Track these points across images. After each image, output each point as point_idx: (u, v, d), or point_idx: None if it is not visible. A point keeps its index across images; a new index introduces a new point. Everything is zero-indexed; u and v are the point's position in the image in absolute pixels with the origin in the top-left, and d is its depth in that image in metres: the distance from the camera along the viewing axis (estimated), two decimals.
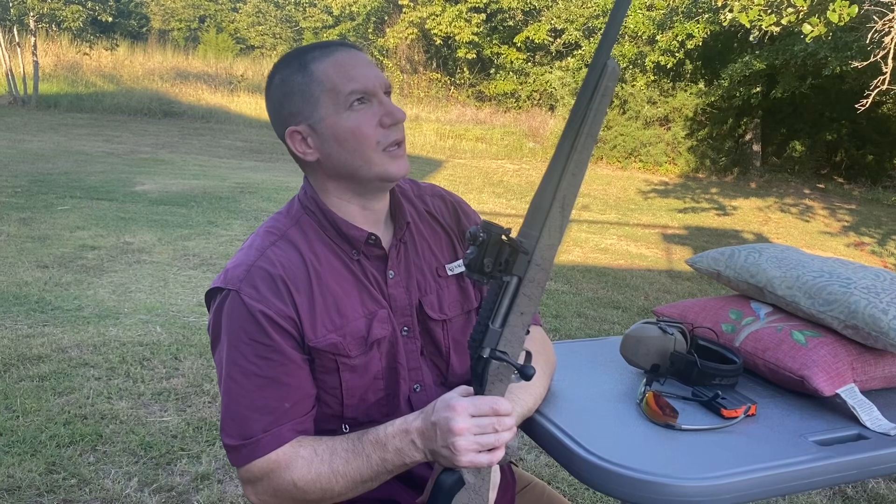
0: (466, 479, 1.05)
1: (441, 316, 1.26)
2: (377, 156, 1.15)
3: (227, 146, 11.96)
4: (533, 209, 1.00)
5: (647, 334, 1.36)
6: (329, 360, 1.16)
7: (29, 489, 2.35)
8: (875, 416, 1.20)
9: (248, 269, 1.15)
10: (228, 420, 1.12)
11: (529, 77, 18.41)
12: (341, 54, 1.16)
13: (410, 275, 1.25)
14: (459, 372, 1.31)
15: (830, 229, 9.05)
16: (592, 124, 0.96)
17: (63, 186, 7.28)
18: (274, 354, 1.12)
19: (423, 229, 1.29)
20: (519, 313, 1.02)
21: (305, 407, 1.15)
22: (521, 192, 9.64)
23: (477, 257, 0.97)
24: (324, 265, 1.18)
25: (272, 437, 1.11)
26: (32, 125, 11.89)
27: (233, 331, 1.13)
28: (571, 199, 1.00)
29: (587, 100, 0.96)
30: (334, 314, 1.16)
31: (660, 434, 1.16)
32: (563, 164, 0.98)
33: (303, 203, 1.23)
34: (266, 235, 1.20)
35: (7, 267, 4.62)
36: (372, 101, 1.15)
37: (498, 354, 1.01)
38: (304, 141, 1.17)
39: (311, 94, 1.14)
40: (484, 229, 0.97)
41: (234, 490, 2.44)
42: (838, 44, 8.87)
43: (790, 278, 1.37)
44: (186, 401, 3.03)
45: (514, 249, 0.99)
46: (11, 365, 3.22)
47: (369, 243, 1.19)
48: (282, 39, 28.64)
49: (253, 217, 6.70)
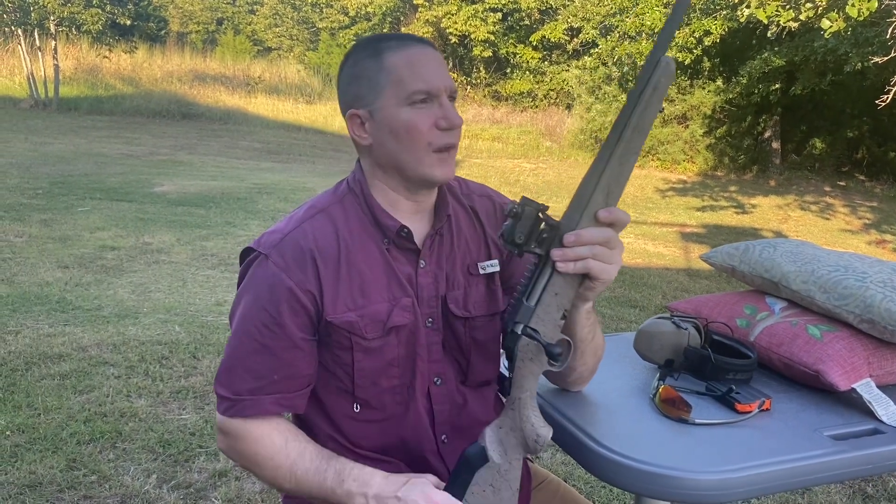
0: (491, 456, 1.06)
1: (464, 313, 1.26)
2: (426, 156, 1.16)
3: (244, 147, 12.04)
4: (577, 194, 1.01)
5: (660, 329, 1.36)
6: (344, 337, 1.17)
7: (50, 485, 2.39)
8: (892, 411, 1.19)
9: (282, 236, 1.17)
10: (224, 371, 1.18)
11: (546, 76, 18.38)
12: (416, 50, 1.16)
13: (441, 267, 1.25)
14: (480, 372, 1.31)
15: (851, 227, 8.96)
16: (641, 117, 0.97)
17: (83, 188, 7.37)
18: (276, 327, 1.15)
19: (464, 225, 1.29)
20: (553, 293, 1.02)
21: (294, 385, 1.18)
22: (538, 192, 9.62)
23: (511, 228, 0.99)
24: (357, 245, 1.19)
25: (254, 403, 1.15)
26: (53, 128, 12.05)
27: (251, 292, 1.17)
28: (617, 189, 1.00)
29: (638, 92, 0.96)
30: (357, 294, 1.17)
31: (673, 428, 1.16)
32: (608, 152, 0.98)
33: (350, 185, 1.25)
34: (308, 209, 1.22)
35: (29, 267, 4.68)
36: (433, 102, 1.15)
37: (528, 331, 1.02)
38: (361, 125, 1.19)
39: (378, 82, 1.15)
40: (521, 203, 0.99)
41: (252, 487, 2.46)
42: (859, 39, 8.77)
43: (805, 273, 1.36)
44: (204, 399, 3.06)
45: (553, 228, 1.00)
46: (33, 363, 3.27)
47: (401, 235, 1.20)
48: (298, 41, 28.77)
49: (270, 217, 6.74)
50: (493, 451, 1.06)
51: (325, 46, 24.08)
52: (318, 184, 8.78)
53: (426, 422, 1.25)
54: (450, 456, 1.26)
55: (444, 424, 1.26)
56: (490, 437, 1.07)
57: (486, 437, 1.08)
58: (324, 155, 12.07)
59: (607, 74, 14.50)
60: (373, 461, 1.24)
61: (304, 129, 15.16)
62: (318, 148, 12.87)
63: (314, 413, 1.23)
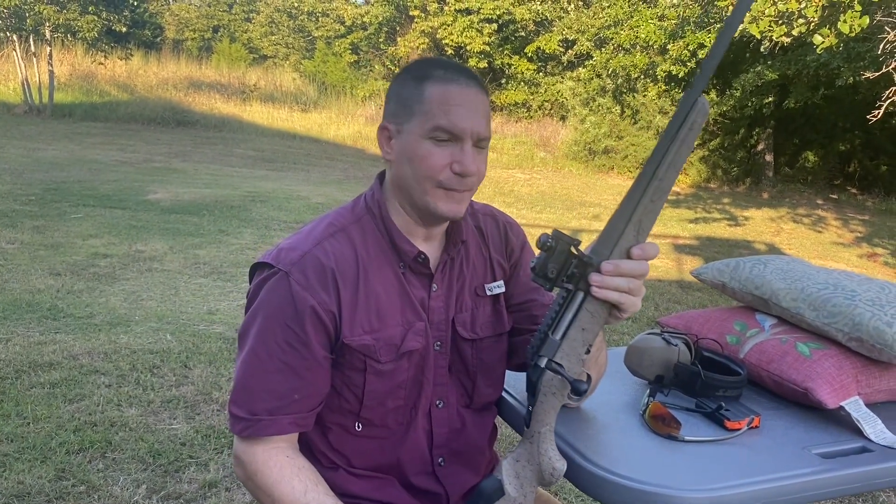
0: (507, 490, 1.06)
1: (472, 335, 1.27)
2: (433, 189, 1.16)
3: (239, 155, 12.03)
4: (608, 229, 1.01)
5: (650, 345, 1.36)
6: (359, 359, 1.18)
7: (38, 496, 2.37)
8: (879, 429, 1.19)
9: (302, 254, 1.16)
10: (240, 391, 1.16)
11: (540, 87, 18.45)
12: (456, 88, 1.15)
13: (451, 290, 1.26)
14: (485, 395, 1.31)
15: (843, 240, 9.00)
16: (676, 155, 0.97)
17: (76, 195, 7.35)
18: (301, 346, 1.14)
19: (472, 249, 1.30)
20: (580, 328, 1.02)
21: (312, 403, 1.17)
22: (532, 202, 9.64)
23: (543, 263, 0.99)
24: (374, 267, 1.20)
25: (272, 423, 1.14)
26: (47, 134, 12.01)
27: (271, 310, 1.15)
28: (648, 225, 1.01)
29: (674, 130, 0.97)
30: (373, 317, 1.18)
31: (663, 445, 1.16)
32: (642, 189, 0.99)
33: (368, 203, 1.25)
34: (327, 227, 1.21)
35: (20, 274, 4.66)
36: (455, 144, 1.15)
37: (553, 365, 1.02)
38: (388, 140, 1.20)
39: (411, 107, 1.16)
40: (553, 237, 0.99)
41: (242, 498, 2.45)
42: (851, 54, 8.84)
43: (795, 290, 1.37)
44: (195, 409, 3.05)
45: (583, 263, 1.00)
46: (23, 372, 3.25)
47: (418, 261, 1.21)
48: (294, 49, 28.83)
49: (264, 226, 6.73)
50: (510, 484, 1.06)
51: (320, 55, 24.11)
52: (313, 192, 8.78)
53: (424, 443, 1.26)
54: (447, 478, 1.28)
55: (442, 447, 1.27)
56: (507, 471, 1.08)
57: (502, 470, 1.08)
58: (318, 163, 12.07)
59: (601, 86, 14.58)
60: (367, 479, 1.24)
61: (298, 137, 15.16)
62: (313, 156, 12.87)
63: (313, 429, 1.23)
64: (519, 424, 1.32)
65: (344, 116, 17.25)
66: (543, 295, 1.34)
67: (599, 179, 13.16)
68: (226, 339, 3.84)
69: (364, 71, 23.01)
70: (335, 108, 18.23)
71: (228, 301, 4.54)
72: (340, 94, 20.04)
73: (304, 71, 23.57)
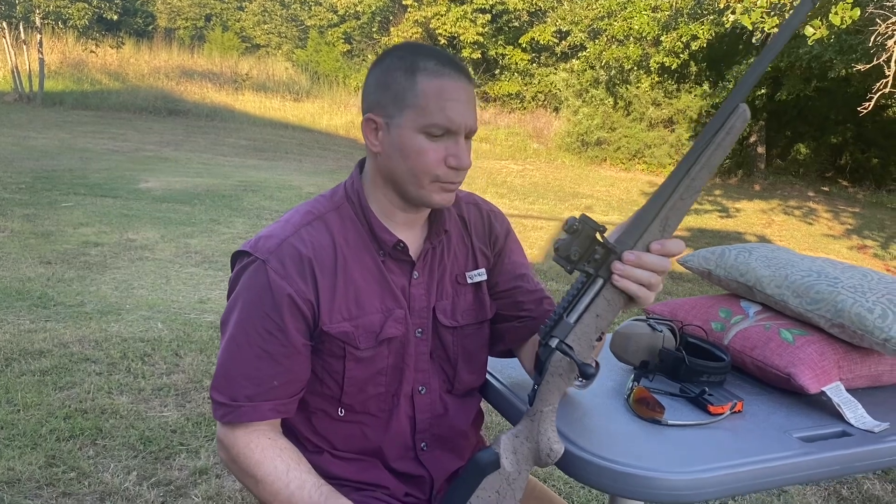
0: (503, 463, 1.07)
1: (452, 323, 1.28)
2: (429, 184, 1.16)
3: (231, 144, 11.99)
4: (635, 220, 1.03)
5: (636, 331, 1.38)
6: (338, 346, 1.18)
7: (29, 482, 2.38)
8: (860, 414, 1.21)
9: (279, 242, 1.17)
10: (221, 377, 1.17)
11: (534, 78, 18.43)
12: (450, 81, 1.14)
13: (433, 278, 1.26)
14: (466, 381, 1.32)
15: (834, 232, 9.05)
16: (712, 156, 0.99)
17: (67, 183, 7.32)
18: (279, 333, 1.15)
19: (454, 237, 1.31)
20: (595, 314, 1.03)
21: (292, 390, 1.18)
22: (525, 193, 9.65)
23: (567, 244, 1.00)
24: (352, 255, 1.20)
25: (252, 409, 1.15)
26: (37, 122, 11.94)
27: (249, 298, 1.16)
28: (674, 222, 1.02)
29: (713, 133, 0.98)
30: (352, 304, 1.18)
31: (647, 429, 1.17)
32: (673, 186, 1.00)
33: (347, 192, 1.24)
34: (305, 215, 1.21)
35: (10, 263, 4.65)
36: (449, 138, 1.15)
37: (564, 347, 1.03)
38: (375, 132, 1.18)
39: (403, 99, 1.14)
40: (581, 221, 1.00)
41: (232, 485, 2.46)
42: (843, 46, 8.87)
43: (779, 277, 1.38)
44: (186, 396, 3.05)
45: (607, 250, 1.01)
46: (13, 359, 3.25)
47: (397, 249, 1.21)
48: (287, 38, 28.70)
49: (255, 215, 6.72)
50: (507, 458, 1.07)
51: (313, 44, 24.00)
52: (304, 182, 8.76)
53: (407, 428, 1.26)
54: (431, 462, 1.29)
55: (425, 432, 1.28)
56: (505, 445, 1.09)
57: (501, 444, 1.09)
58: (310, 153, 12.04)
59: (595, 78, 14.57)
60: (351, 461, 1.26)
61: (291, 126, 15.12)
62: (305, 146, 12.83)
63: (296, 414, 1.24)
64: (506, 410, 1.33)
65: (336, 106, 17.19)
66: (528, 282, 1.35)
67: (592, 171, 13.18)
68: (217, 327, 3.84)
69: (357, 61, 22.93)
70: (328, 98, 18.17)
71: (220, 290, 4.53)
72: (333, 83, 19.97)
73: (296, 60, 23.48)
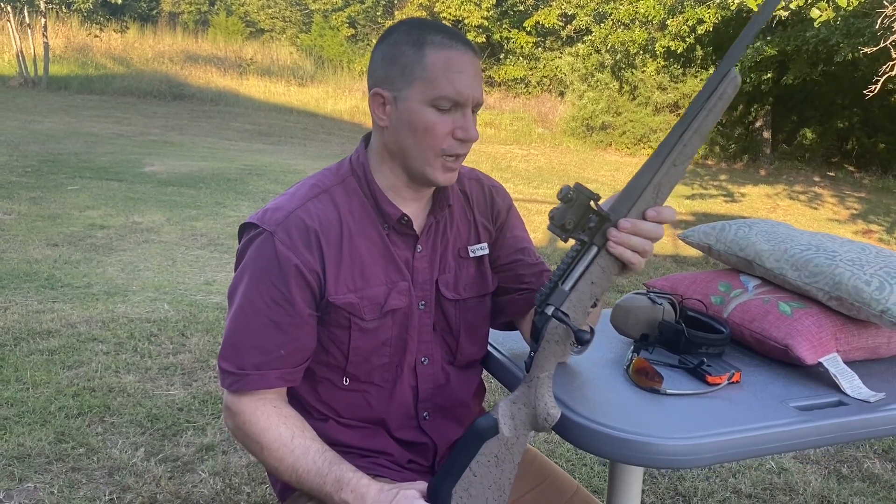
0: (502, 429, 1.09)
1: (455, 296, 1.30)
2: (435, 159, 1.18)
3: (235, 129, 12.00)
4: (628, 188, 1.04)
5: (636, 304, 1.39)
6: (343, 317, 1.21)
7: (38, 457, 2.41)
8: (856, 384, 1.23)
9: (286, 215, 1.19)
10: (228, 346, 1.19)
11: (539, 62, 18.35)
12: (457, 54, 1.16)
13: (436, 251, 1.28)
14: (468, 353, 1.35)
15: (839, 217, 9.03)
16: (703, 122, 1.00)
17: (73, 167, 7.35)
18: (285, 304, 1.17)
19: (457, 211, 1.32)
20: (590, 282, 1.05)
21: (298, 359, 1.21)
22: (529, 178, 9.64)
23: (562, 213, 1.01)
24: (357, 227, 1.22)
25: (259, 377, 1.17)
26: (43, 106, 11.96)
27: (257, 269, 1.18)
28: (667, 189, 1.03)
29: (704, 98, 1.00)
30: (357, 276, 1.21)
31: (645, 398, 1.19)
32: (666, 152, 1.01)
33: (353, 166, 1.26)
34: (311, 188, 1.23)
35: (18, 245, 4.68)
36: (457, 111, 1.17)
37: (559, 314, 1.04)
38: (382, 106, 1.20)
39: (411, 73, 1.15)
40: (575, 189, 1.01)
41: (238, 461, 2.50)
42: (850, 30, 8.81)
43: (778, 251, 1.40)
44: (192, 375, 3.09)
45: (602, 218, 1.03)
46: (22, 339, 3.28)
47: (401, 223, 1.23)
48: (291, 23, 28.56)
49: (260, 199, 6.74)
50: (505, 424, 1.09)
51: (317, 29, 23.90)
52: (309, 166, 8.77)
53: (410, 398, 1.29)
54: (433, 431, 1.32)
55: (427, 402, 1.31)
56: (503, 411, 1.10)
57: (499, 410, 1.11)
58: (315, 137, 12.04)
59: (600, 62, 14.51)
60: (356, 429, 1.28)
61: (295, 111, 15.10)
62: (310, 130, 12.83)
63: (302, 383, 1.26)
64: (506, 380, 1.35)
65: (341, 91, 17.16)
66: (529, 255, 1.37)
67: (597, 155, 13.15)
68: (222, 308, 3.87)
69: (361, 45, 22.84)
70: (332, 83, 18.12)
71: (225, 272, 4.56)
72: (337, 68, 19.91)
73: (301, 45, 23.39)
